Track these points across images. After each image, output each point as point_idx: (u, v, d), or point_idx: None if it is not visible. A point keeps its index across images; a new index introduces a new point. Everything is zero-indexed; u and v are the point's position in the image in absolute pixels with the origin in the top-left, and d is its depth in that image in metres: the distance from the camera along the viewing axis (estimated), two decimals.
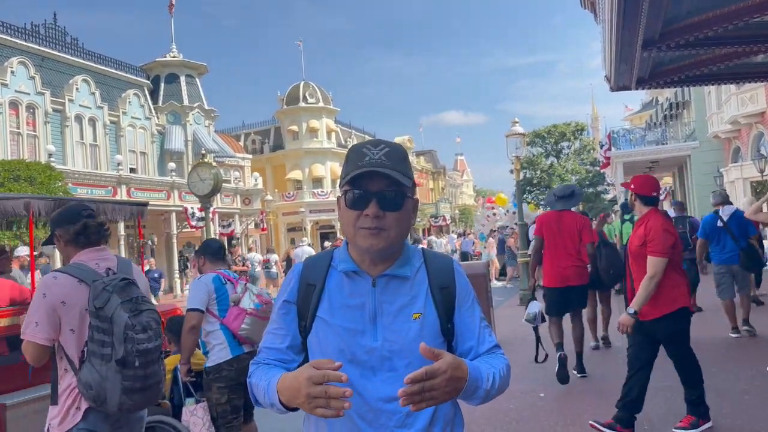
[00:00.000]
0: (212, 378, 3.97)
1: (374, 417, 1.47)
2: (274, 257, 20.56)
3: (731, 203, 8.55)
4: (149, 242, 25.36)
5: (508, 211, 20.52)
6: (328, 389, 1.28)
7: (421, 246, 1.87)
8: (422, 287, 1.56)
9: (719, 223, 8.09)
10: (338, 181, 1.64)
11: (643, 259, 4.30)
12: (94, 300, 2.55)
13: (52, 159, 19.11)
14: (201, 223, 19.08)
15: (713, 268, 8.53)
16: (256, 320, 4.01)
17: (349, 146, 1.61)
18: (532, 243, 8.00)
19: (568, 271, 6.19)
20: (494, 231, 23.14)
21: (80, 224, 2.76)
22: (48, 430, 2.64)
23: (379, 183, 1.46)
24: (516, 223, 17.68)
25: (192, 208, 23.28)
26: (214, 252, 4.28)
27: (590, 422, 4.59)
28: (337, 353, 1.48)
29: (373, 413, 1.47)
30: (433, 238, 27.70)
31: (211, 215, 14.18)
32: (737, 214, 7.92)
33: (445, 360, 1.33)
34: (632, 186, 4.49)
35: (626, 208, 13.22)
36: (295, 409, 1.41)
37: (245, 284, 4.28)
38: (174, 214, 24.35)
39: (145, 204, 6.25)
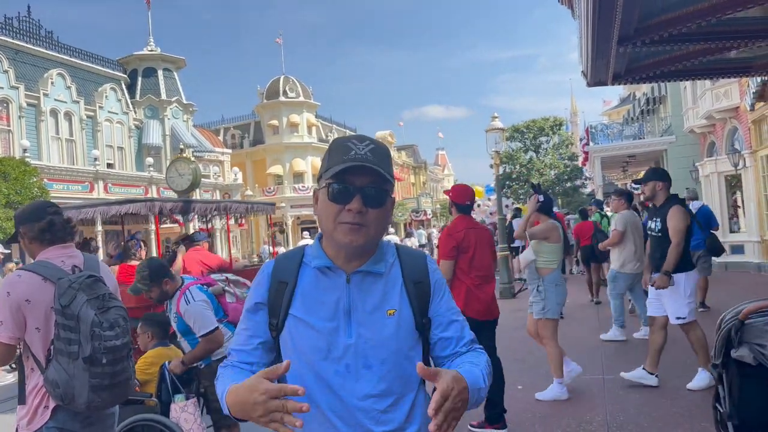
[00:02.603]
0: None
1: (350, 415, 1.46)
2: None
3: (699, 199, 10.46)
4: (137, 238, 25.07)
5: (479, 204, 20.45)
6: (287, 404, 1.24)
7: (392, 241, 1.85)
8: (396, 283, 1.55)
9: None
10: (318, 174, 1.59)
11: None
12: (60, 298, 2.52)
13: (27, 154, 18.80)
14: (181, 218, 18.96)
15: None
16: None
17: (331, 140, 1.55)
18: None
19: None
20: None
21: (45, 221, 2.71)
22: (17, 430, 2.61)
23: (364, 179, 1.45)
24: (490, 214, 17.75)
25: None
26: (166, 272, 3.98)
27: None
28: (310, 350, 1.47)
29: (349, 411, 1.46)
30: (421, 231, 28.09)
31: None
32: (703, 209, 9.44)
33: (446, 377, 1.30)
34: (450, 194, 5.04)
35: (600, 204, 14.10)
36: (245, 421, 1.36)
37: (226, 277, 4.34)
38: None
39: (273, 204, 6.68)
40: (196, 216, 10.94)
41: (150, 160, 25.71)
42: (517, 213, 17.02)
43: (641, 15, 4.67)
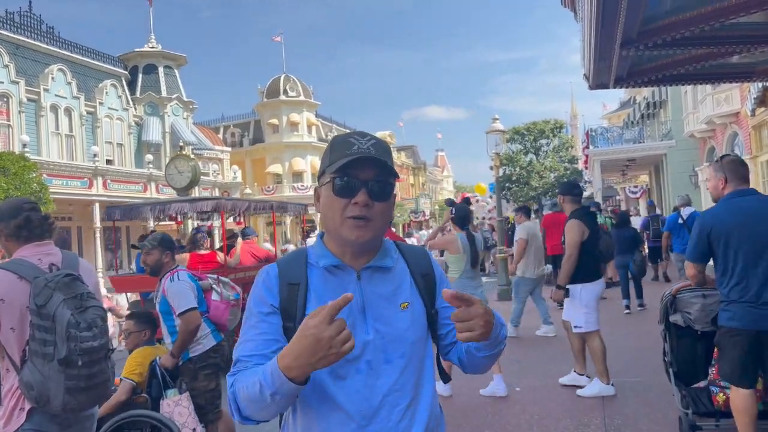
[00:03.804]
0: (199, 366, 3.97)
1: (374, 412, 1.44)
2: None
3: (691, 205, 10.88)
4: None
5: (478, 200, 20.43)
6: (342, 321, 1.23)
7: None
8: (405, 276, 1.57)
9: (680, 221, 10.57)
10: (319, 171, 1.58)
11: None
12: (35, 297, 2.44)
13: (26, 149, 18.76)
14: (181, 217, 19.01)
15: (674, 256, 11.32)
16: (236, 310, 4.35)
17: (331, 138, 1.55)
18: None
19: None
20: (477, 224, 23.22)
21: (22, 218, 2.63)
22: None
23: (369, 172, 1.45)
24: (488, 211, 17.76)
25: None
26: (175, 249, 4.25)
27: None
28: None
29: (373, 409, 1.44)
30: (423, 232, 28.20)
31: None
32: (694, 214, 9.82)
33: (475, 299, 1.37)
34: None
35: (598, 206, 14.38)
36: (305, 383, 1.30)
37: (218, 277, 4.43)
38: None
39: (305, 204, 7.08)
40: (194, 214, 11.21)
41: (149, 157, 25.68)
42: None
43: (644, 18, 4.68)
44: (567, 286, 5.43)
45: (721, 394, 3.86)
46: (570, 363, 5.98)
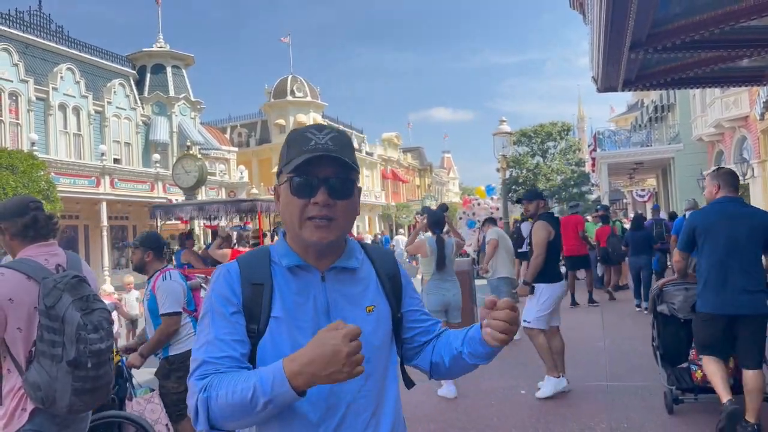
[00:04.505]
0: (175, 367, 3.98)
1: (339, 421, 1.39)
2: None
3: (698, 209, 10.95)
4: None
5: (479, 203, 20.39)
6: (360, 344, 1.20)
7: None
8: (371, 278, 1.52)
9: None
10: (277, 169, 1.54)
11: None
12: (45, 298, 2.42)
13: (34, 148, 18.85)
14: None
15: None
16: None
17: (291, 132, 1.50)
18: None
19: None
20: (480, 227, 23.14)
21: (29, 217, 2.60)
22: None
23: (328, 169, 1.38)
24: (491, 213, 17.73)
25: (176, 200, 23.11)
26: (162, 248, 4.21)
27: None
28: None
29: (338, 417, 1.39)
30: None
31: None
32: None
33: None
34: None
35: (607, 210, 14.50)
36: (303, 394, 1.24)
37: (205, 277, 4.48)
38: None
39: None
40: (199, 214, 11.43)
41: (157, 156, 25.75)
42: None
43: (654, 21, 4.65)
44: (535, 285, 5.68)
45: (699, 371, 4.63)
46: (579, 373, 5.97)
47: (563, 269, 12.52)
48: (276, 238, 9.14)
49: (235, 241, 9.35)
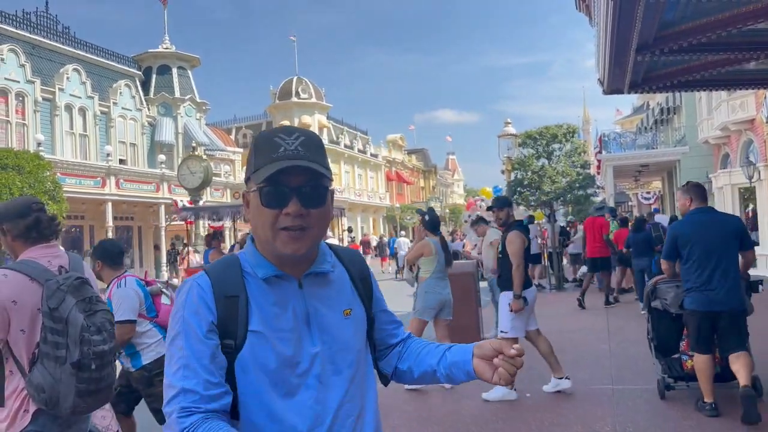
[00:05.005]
0: (155, 373, 3.97)
1: (327, 428, 1.36)
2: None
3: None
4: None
5: (483, 204, 20.37)
6: None
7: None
8: (345, 282, 1.49)
9: None
10: (245, 175, 1.42)
11: None
12: (48, 300, 2.41)
13: (41, 148, 18.93)
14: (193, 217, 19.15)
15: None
16: None
17: (258, 136, 1.42)
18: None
19: None
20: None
21: (32, 218, 2.59)
22: None
23: (299, 177, 1.31)
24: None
25: (182, 201, 23.16)
26: (114, 257, 4.15)
27: None
28: (278, 367, 1.33)
29: (326, 425, 1.36)
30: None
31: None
32: None
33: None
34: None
35: (614, 212, 14.38)
36: None
37: (167, 281, 4.47)
38: (163, 207, 24.21)
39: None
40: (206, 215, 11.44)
41: (162, 157, 25.82)
42: (531, 220, 17.01)
43: (661, 24, 4.64)
44: (504, 293, 5.77)
45: (689, 361, 5.10)
46: (584, 376, 5.95)
47: (584, 269, 12.52)
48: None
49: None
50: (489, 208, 6.64)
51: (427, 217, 6.62)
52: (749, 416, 4.37)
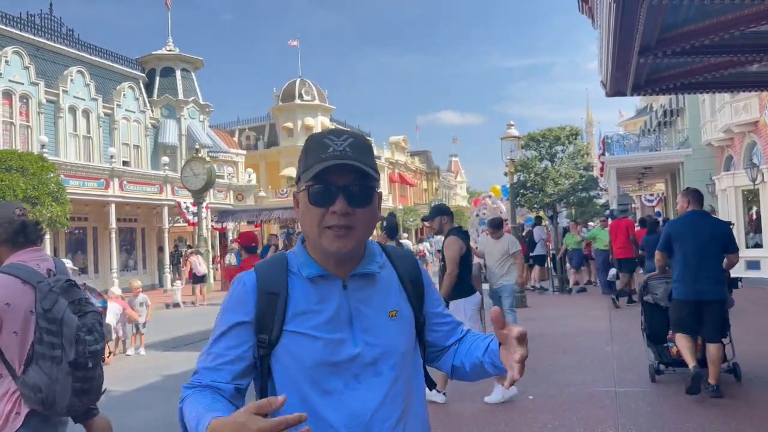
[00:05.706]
0: None
1: (365, 428, 1.36)
2: (406, 243, 21.20)
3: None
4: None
5: (490, 200, 20.33)
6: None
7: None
8: (392, 283, 1.49)
9: None
10: (296, 176, 1.47)
11: None
12: (42, 301, 2.46)
13: (44, 150, 18.95)
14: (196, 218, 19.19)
15: None
16: (102, 318, 4.70)
17: (309, 138, 1.47)
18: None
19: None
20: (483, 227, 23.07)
21: (19, 222, 2.63)
22: None
23: (346, 177, 1.34)
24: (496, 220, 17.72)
25: (185, 202, 23.19)
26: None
27: None
28: (315, 366, 1.35)
29: (364, 424, 1.36)
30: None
31: (204, 210, 14.21)
32: None
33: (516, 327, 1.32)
34: (239, 240, 6.97)
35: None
36: None
37: (85, 283, 4.62)
38: (166, 208, 24.25)
39: None
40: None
41: (165, 159, 25.83)
42: (538, 221, 17.05)
43: (663, 26, 4.64)
44: (453, 302, 5.67)
45: (675, 347, 5.77)
46: (587, 378, 5.94)
47: (614, 271, 12.44)
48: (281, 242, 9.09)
49: (284, 245, 9.18)
50: (425, 219, 6.52)
51: (384, 223, 6.66)
52: (693, 390, 5.22)
